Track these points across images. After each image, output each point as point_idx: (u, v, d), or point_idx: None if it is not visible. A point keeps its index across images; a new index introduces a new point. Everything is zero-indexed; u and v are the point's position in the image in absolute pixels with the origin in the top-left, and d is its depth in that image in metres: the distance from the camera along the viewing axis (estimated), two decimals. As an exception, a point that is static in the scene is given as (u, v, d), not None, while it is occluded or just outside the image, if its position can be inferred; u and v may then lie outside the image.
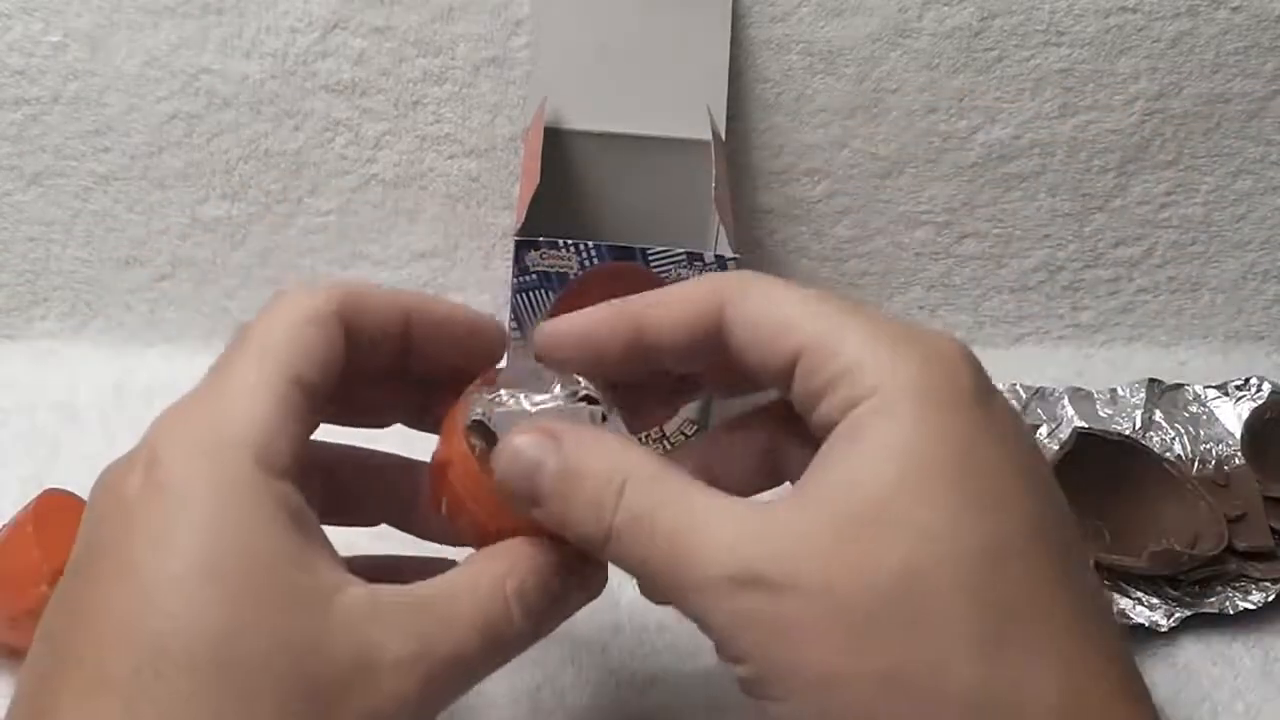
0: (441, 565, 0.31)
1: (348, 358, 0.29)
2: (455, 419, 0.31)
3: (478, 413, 0.31)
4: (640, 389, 0.33)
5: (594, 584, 0.31)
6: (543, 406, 0.31)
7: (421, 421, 0.35)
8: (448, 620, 0.27)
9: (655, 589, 0.27)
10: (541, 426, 0.29)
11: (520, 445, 0.28)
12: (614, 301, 0.31)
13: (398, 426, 0.35)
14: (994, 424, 0.26)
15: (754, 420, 0.33)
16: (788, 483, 0.33)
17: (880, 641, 0.24)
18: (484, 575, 0.28)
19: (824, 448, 0.27)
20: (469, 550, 0.31)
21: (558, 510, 0.28)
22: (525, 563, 0.29)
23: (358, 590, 0.26)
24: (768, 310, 0.29)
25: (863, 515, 0.25)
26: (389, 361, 0.32)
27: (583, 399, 0.31)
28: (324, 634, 0.25)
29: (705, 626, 0.26)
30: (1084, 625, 0.25)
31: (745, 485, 0.33)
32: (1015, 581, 0.24)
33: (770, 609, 0.24)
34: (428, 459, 0.32)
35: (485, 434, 0.31)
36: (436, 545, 0.35)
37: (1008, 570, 0.24)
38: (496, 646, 0.28)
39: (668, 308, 0.30)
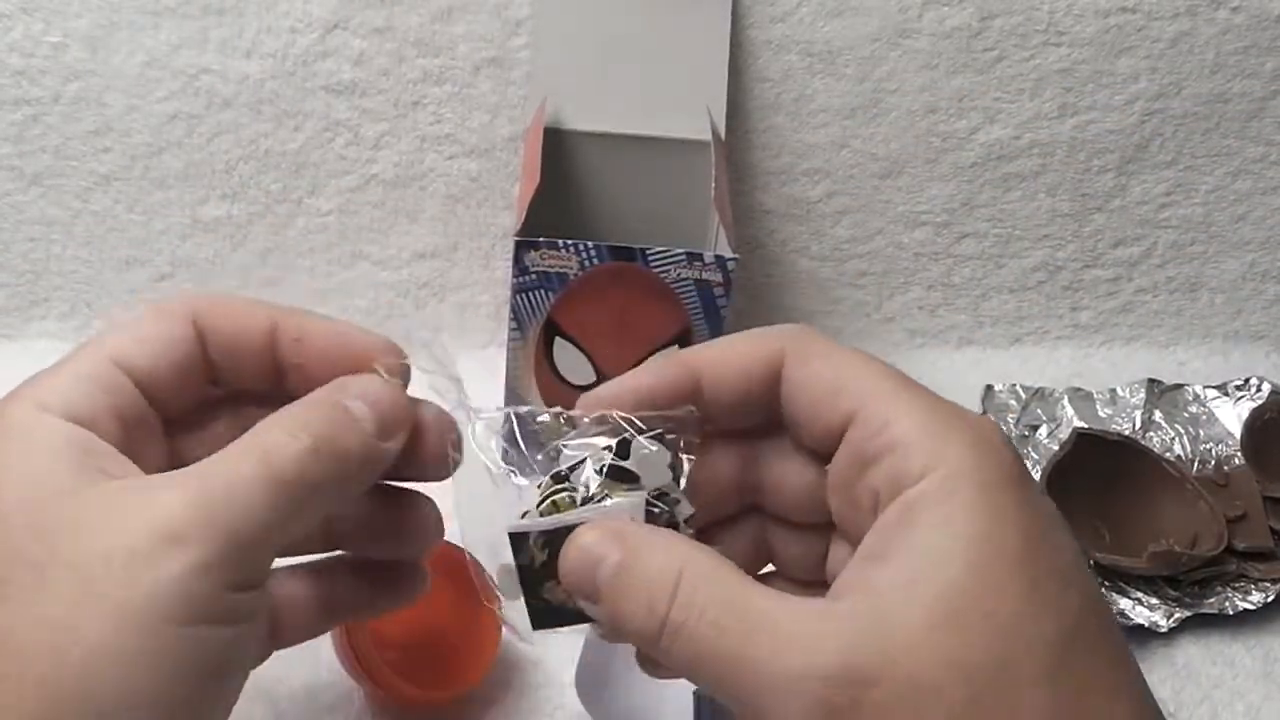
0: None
1: (208, 363, 0.31)
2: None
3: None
4: None
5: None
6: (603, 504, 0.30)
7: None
8: (229, 482, 0.27)
9: (710, 685, 0.27)
10: (607, 523, 0.29)
11: (586, 542, 0.29)
12: (666, 354, 0.31)
13: None
14: (1041, 505, 0.27)
15: (730, 441, 0.33)
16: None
17: None
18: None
19: (878, 531, 0.27)
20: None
21: (611, 605, 0.28)
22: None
23: (135, 483, 0.28)
24: (826, 372, 0.29)
25: (943, 607, 0.25)
26: (261, 381, 0.32)
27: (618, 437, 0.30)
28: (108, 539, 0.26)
29: None
30: (1142, 691, 0.27)
31: (720, 506, 0.33)
32: (1087, 660, 0.26)
33: (859, 703, 0.25)
34: None
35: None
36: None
37: (1080, 651, 0.26)
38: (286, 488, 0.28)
39: (726, 361, 0.30)
